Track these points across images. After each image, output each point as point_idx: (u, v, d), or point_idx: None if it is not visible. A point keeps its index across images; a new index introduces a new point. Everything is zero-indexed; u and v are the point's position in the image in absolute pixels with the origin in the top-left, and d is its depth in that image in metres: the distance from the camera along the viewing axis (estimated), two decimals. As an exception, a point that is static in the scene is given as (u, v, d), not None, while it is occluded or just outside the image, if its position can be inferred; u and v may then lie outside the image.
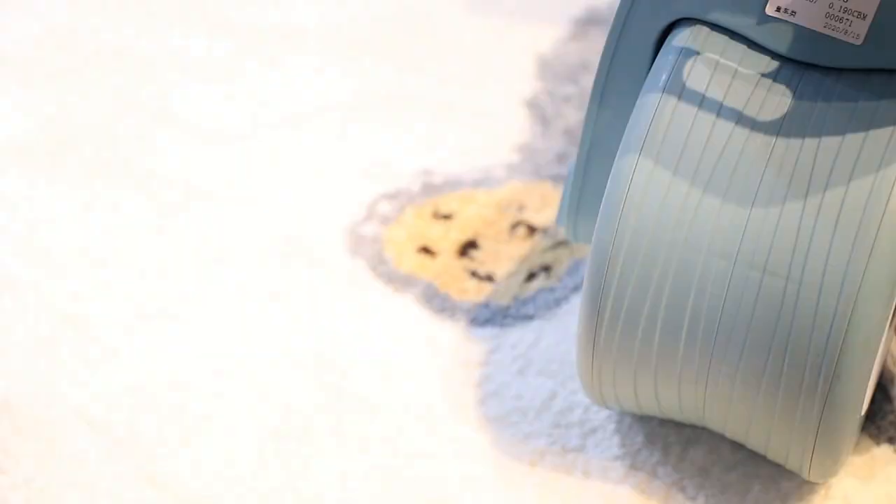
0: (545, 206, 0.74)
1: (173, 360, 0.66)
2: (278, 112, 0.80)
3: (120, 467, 0.61)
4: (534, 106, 0.80)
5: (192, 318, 0.68)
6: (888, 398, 0.63)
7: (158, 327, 0.68)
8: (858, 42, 0.52)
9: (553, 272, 0.71)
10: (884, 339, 0.56)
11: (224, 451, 0.62)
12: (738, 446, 0.61)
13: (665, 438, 0.62)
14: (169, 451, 0.62)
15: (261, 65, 0.83)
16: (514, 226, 0.73)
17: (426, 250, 0.72)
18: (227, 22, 0.86)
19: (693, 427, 0.62)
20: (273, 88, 0.82)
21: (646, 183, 0.53)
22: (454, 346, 0.67)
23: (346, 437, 0.62)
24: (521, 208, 0.74)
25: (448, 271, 0.71)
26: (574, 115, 0.79)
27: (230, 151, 0.78)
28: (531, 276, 0.70)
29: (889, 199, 0.50)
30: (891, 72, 0.52)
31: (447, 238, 0.72)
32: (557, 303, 0.69)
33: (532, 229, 0.73)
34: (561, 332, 0.67)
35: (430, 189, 0.75)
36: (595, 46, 0.82)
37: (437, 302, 0.69)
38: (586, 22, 0.85)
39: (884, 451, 0.61)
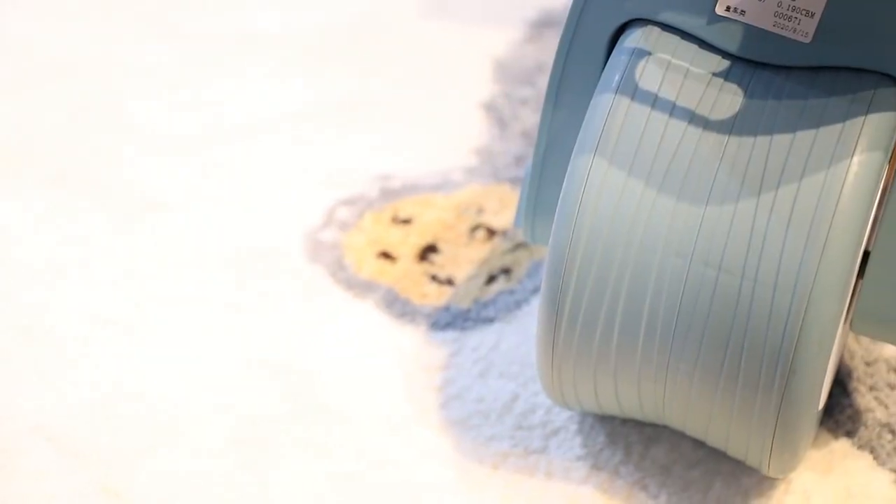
0: (504, 208, 0.74)
1: (132, 371, 0.66)
2: (236, 120, 0.80)
3: (79, 481, 0.61)
4: (491, 109, 0.81)
5: (151, 329, 0.68)
6: (846, 392, 0.63)
7: (117, 338, 0.67)
8: (807, 40, 0.52)
9: (513, 274, 0.71)
10: (839, 335, 0.56)
11: (185, 461, 0.61)
12: (699, 444, 0.61)
13: (627, 438, 0.62)
14: (129, 464, 0.61)
15: (217, 73, 0.83)
16: (474, 229, 0.73)
17: (386, 255, 0.72)
18: (182, 31, 0.86)
19: (654, 426, 0.62)
20: (230, 96, 0.81)
21: (601, 183, 0.53)
22: (415, 350, 0.67)
23: (308, 444, 0.62)
24: (479, 211, 0.74)
25: (408, 276, 0.71)
26: (531, 118, 0.79)
27: (187, 160, 0.77)
28: (491, 279, 0.70)
29: (840, 196, 0.51)
30: (839, 69, 0.52)
31: (406, 243, 0.72)
32: (518, 305, 0.69)
33: (491, 232, 0.73)
34: (521, 333, 0.67)
35: (388, 194, 0.75)
36: (550, 48, 0.83)
37: (398, 307, 0.69)
38: (541, 24, 0.86)
39: (842, 444, 0.61)
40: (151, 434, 0.63)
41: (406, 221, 0.74)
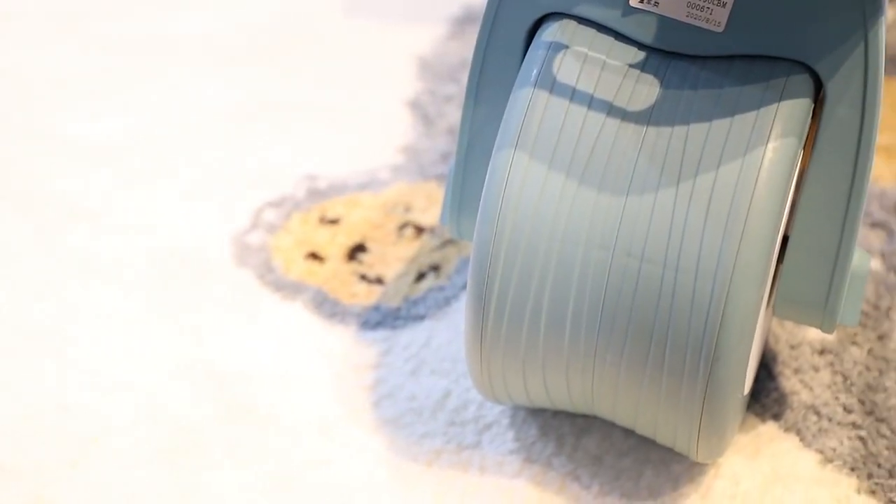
0: (431, 205, 0.74)
1: (57, 381, 0.65)
2: (158, 125, 0.79)
3: (6, 495, 0.60)
4: (416, 106, 0.81)
5: (76, 338, 0.67)
6: (771, 376, 0.64)
7: (41, 349, 0.66)
8: (720, 29, 0.53)
9: (442, 271, 0.71)
10: (762, 319, 0.57)
11: (114, 471, 0.61)
12: (629, 433, 0.62)
13: (558, 429, 0.62)
14: (57, 476, 0.60)
15: (138, 78, 0.82)
16: (402, 227, 0.73)
17: (314, 256, 0.71)
18: (102, 36, 0.85)
19: (585, 417, 0.62)
20: (152, 101, 0.81)
21: (522, 178, 0.54)
22: (346, 350, 0.67)
23: (240, 449, 0.62)
24: (407, 209, 0.74)
25: (337, 276, 0.70)
26: (456, 114, 0.79)
27: (110, 167, 0.76)
28: (420, 277, 0.70)
29: (756, 182, 0.51)
30: (752, 57, 0.53)
31: (335, 243, 0.72)
32: (448, 301, 0.69)
33: (420, 229, 0.73)
34: (452, 330, 0.67)
35: (315, 194, 0.75)
36: (474, 45, 0.83)
37: (327, 307, 0.69)
38: (464, 21, 0.86)
39: (769, 427, 0.62)
40: (80, 444, 0.62)
41: (334, 221, 0.73)
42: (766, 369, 0.64)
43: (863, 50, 0.51)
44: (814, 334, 0.66)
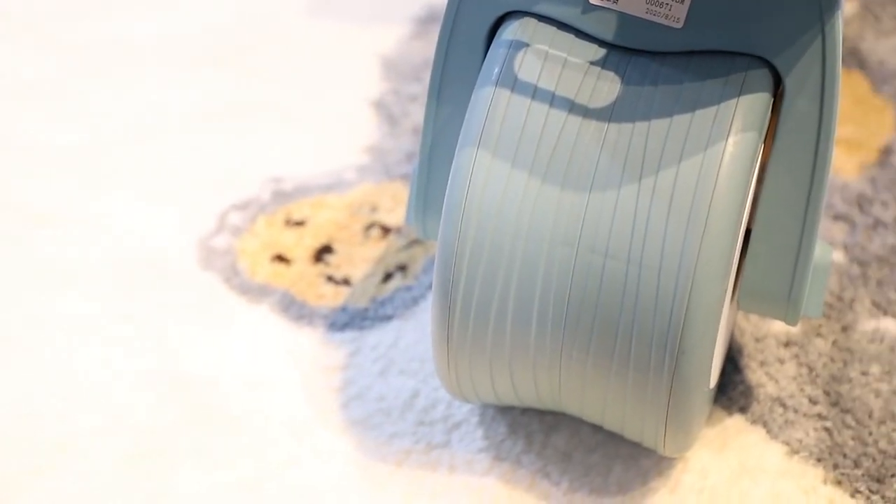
0: (398, 205, 0.74)
1: (21, 389, 0.64)
2: (120, 128, 0.79)
3: (-28, 505, 0.59)
4: (380, 106, 0.80)
5: (40, 345, 0.66)
6: (737, 369, 0.64)
7: (5, 356, 0.66)
8: (679, 25, 0.53)
9: (409, 271, 0.71)
10: (727, 313, 0.57)
11: (80, 479, 0.60)
12: (598, 429, 0.62)
13: (527, 427, 0.62)
14: (21, 485, 0.60)
15: (99, 82, 0.81)
16: (368, 227, 0.73)
17: (280, 258, 0.71)
18: (58, 40, 0.84)
19: (554, 413, 0.63)
20: (113, 105, 0.80)
21: (485, 176, 0.54)
22: (314, 352, 0.66)
23: (208, 454, 0.61)
24: (373, 210, 0.74)
25: (304, 278, 0.70)
26: (421, 114, 0.79)
27: (72, 172, 0.76)
28: (388, 277, 0.70)
29: (717, 177, 0.51)
30: (712, 53, 0.53)
31: (301, 245, 0.72)
32: (415, 301, 0.69)
33: (386, 230, 0.73)
34: (420, 330, 0.67)
35: (280, 196, 0.75)
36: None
37: (295, 310, 0.68)
38: (427, 20, 0.86)
39: (736, 420, 0.62)
40: (46, 452, 0.61)
41: (299, 223, 0.73)
42: (733, 362, 0.65)
43: (820, 44, 0.52)
44: (779, 327, 0.66)
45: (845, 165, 0.75)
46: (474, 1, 0.55)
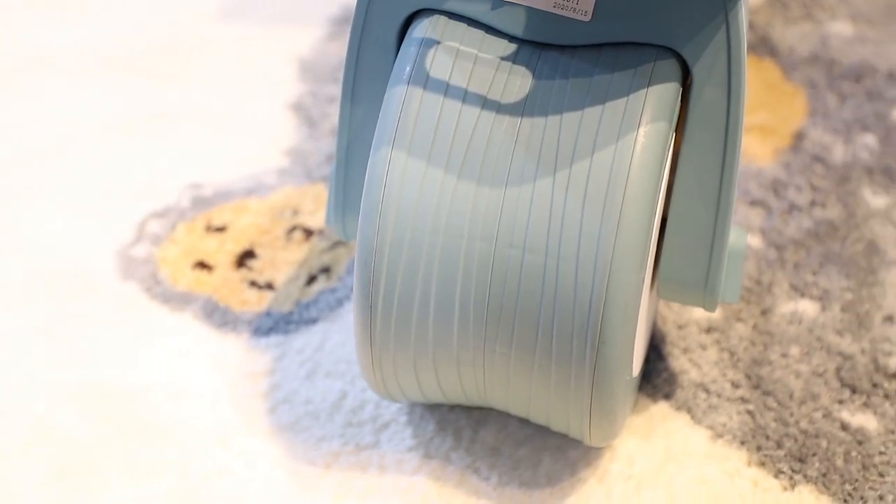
0: (319, 208, 0.74)
1: (-59, 409, 0.63)
2: (37, 141, 0.77)
3: None
4: (299, 109, 0.80)
5: (-42, 364, 0.65)
6: (661, 357, 0.65)
7: (-77, 377, 0.64)
8: (587, 19, 0.54)
9: (333, 273, 0.70)
10: (646, 302, 0.58)
11: (7, 497, 0.59)
12: (526, 422, 0.62)
13: (456, 423, 0.62)
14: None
15: (13, 94, 0.80)
16: (290, 231, 0.73)
17: (202, 265, 0.71)
18: (-30, 51, 0.82)
19: (482, 409, 0.63)
20: (29, 116, 0.79)
21: (402, 174, 0.54)
22: (239, 358, 0.66)
23: (135, 466, 0.61)
24: (295, 213, 0.74)
25: (226, 284, 0.70)
26: (340, 115, 0.79)
27: (-14, 185, 0.74)
28: (311, 280, 0.70)
29: (630, 167, 0.52)
30: (620, 45, 0.54)
31: (222, 250, 0.71)
32: (340, 303, 0.69)
33: (308, 232, 0.72)
34: (346, 331, 0.67)
35: (200, 203, 0.74)
36: (350, 44, 0.82)
37: (218, 316, 0.68)
38: (343, 21, 0.85)
39: (661, 407, 0.63)
40: (-33, 473, 0.60)
41: (220, 229, 0.73)
42: (656, 350, 0.66)
43: (724, 33, 0.52)
44: (700, 313, 0.67)
45: (760, 152, 0.76)
46: (383, 0, 0.55)
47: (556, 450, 0.61)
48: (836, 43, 0.83)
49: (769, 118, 0.78)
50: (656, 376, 0.64)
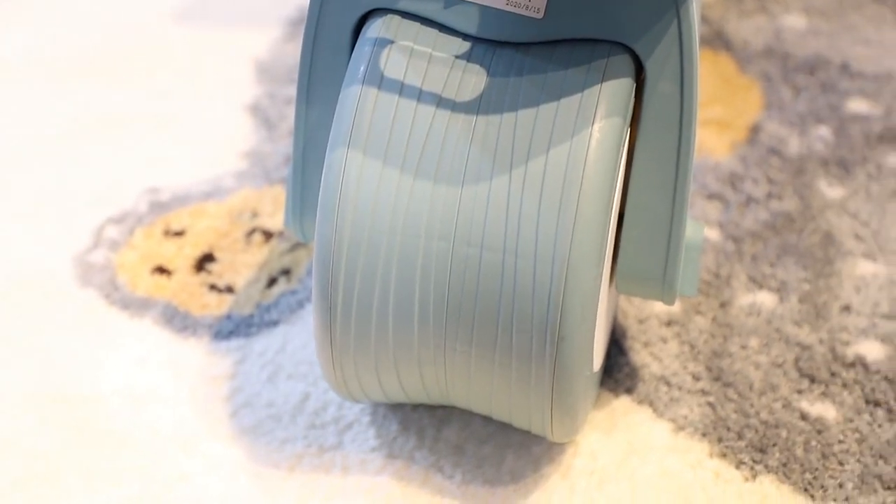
0: (278, 209, 0.73)
1: None
2: (-10, 147, 0.77)
3: None
4: (256, 111, 0.80)
5: (-86, 375, 0.64)
6: (622, 351, 0.65)
7: None
8: (540, 16, 0.54)
9: (293, 274, 0.70)
10: (605, 297, 0.58)
11: (-35, 508, 0.59)
12: (489, 420, 0.62)
13: (419, 422, 0.62)
14: None
15: (-35, 100, 0.79)
16: (250, 233, 0.72)
17: (161, 270, 0.70)
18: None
19: (445, 408, 0.63)
20: (-19, 123, 0.78)
21: (358, 174, 0.54)
22: (200, 363, 0.66)
23: (96, 473, 0.60)
24: (254, 215, 0.73)
25: (186, 288, 0.69)
26: (297, 116, 0.79)
27: (-60, 194, 0.74)
28: (272, 282, 0.70)
29: (585, 163, 0.52)
30: (574, 41, 0.54)
31: (181, 255, 0.71)
32: (301, 304, 0.68)
33: (268, 235, 0.72)
34: (307, 333, 0.67)
35: (158, 207, 0.74)
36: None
37: (178, 321, 0.67)
38: (299, 22, 0.85)
39: (622, 402, 0.63)
40: (-75, 485, 0.60)
41: (179, 233, 0.72)
42: (617, 345, 0.66)
43: (676, 27, 0.53)
44: (660, 307, 0.67)
45: (716, 145, 0.76)
46: (336, 1, 0.55)
47: (520, 447, 0.61)
48: (790, 36, 0.84)
49: (725, 112, 0.79)
50: (618, 371, 0.65)
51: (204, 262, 0.71)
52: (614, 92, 0.53)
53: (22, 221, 0.72)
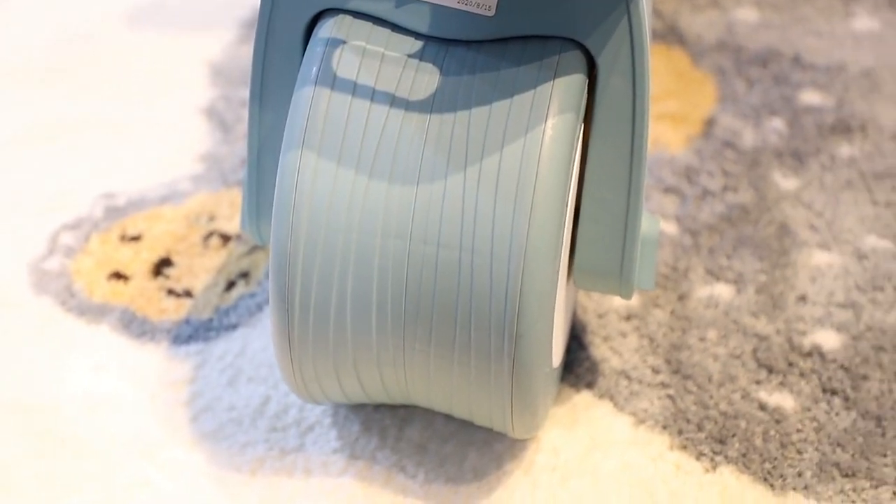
0: (236, 213, 0.73)
1: None
2: (-59, 155, 0.76)
3: None
4: (212, 113, 0.79)
5: None
6: (582, 346, 0.66)
7: None
8: (491, 13, 0.54)
9: (252, 277, 0.70)
10: (563, 292, 0.58)
11: (-78, 521, 0.58)
12: (452, 418, 0.62)
13: (381, 423, 0.62)
14: None
15: (-85, 108, 0.78)
16: (207, 237, 0.72)
17: (118, 276, 0.70)
18: None
19: (407, 407, 0.63)
20: (-68, 131, 0.77)
21: (313, 176, 0.53)
22: (159, 368, 0.65)
23: (54, 482, 0.60)
24: (211, 218, 0.73)
25: (143, 294, 0.69)
26: (253, 118, 0.78)
27: None
28: (230, 285, 0.69)
29: (539, 160, 0.52)
30: (525, 38, 0.54)
31: (138, 260, 0.70)
32: (260, 307, 0.68)
33: (226, 238, 0.72)
34: (266, 336, 0.67)
35: (114, 212, 0.73)
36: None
37: (136, 326, 0.67)
38: (253, 23, 0.85)
39: (584, 397, 0.64)
40: None
41: (135, 238, 0.72)
42: (577, 340, 0.66)
43: (626, 22, 0.53)
44: (619, 302, 0.68)
45: (672, 139, 0.77)
46: (287, 2, 0.55)
47: (482, 444, 0.61)
48: (743, 29, 0.84)
49: (680, 106, 0.79)
50: (578, 365, 0.65)
51: (161, 266, 0.70)
52: (567, 88, 0.53)
53: (-25, 230, 0.72)
